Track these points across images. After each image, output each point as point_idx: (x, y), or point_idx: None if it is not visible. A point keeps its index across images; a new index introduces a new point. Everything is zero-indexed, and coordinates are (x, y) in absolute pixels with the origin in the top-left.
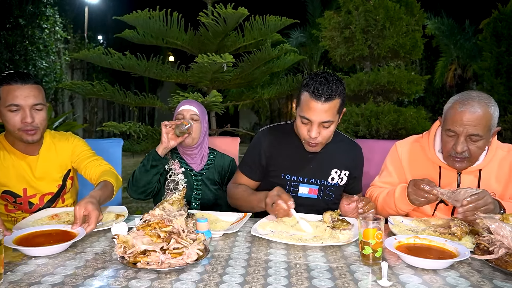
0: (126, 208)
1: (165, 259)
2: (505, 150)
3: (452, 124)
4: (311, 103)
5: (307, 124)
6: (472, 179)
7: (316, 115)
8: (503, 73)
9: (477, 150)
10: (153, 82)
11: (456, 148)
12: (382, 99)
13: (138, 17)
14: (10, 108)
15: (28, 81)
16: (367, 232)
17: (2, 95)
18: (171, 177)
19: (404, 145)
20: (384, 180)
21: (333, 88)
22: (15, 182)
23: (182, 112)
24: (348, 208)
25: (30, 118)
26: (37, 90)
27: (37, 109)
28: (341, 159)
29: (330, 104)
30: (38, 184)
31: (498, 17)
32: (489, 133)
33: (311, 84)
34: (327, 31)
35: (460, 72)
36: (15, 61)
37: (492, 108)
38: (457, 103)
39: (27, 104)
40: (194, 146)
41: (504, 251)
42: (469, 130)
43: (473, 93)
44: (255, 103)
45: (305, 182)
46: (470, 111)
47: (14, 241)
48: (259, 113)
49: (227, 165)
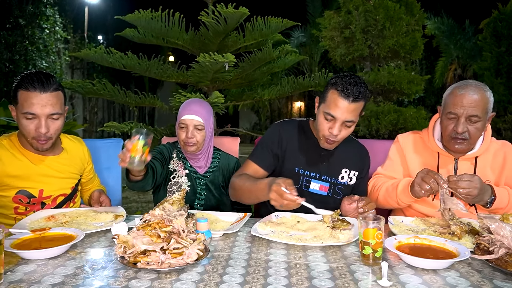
0: (124, 209)
1: (165, 259)
2: (499, 144)
3: (453, 107)
4: (339, 101)
5: (330, 121)
6: (469, 165)
7: (342, 113)
8: (503, 73)
9: (476, 132)
10: (153, 82)
11: (457, 129)
12: (382, 99)
13: (140, 17)
14: (26, 115)
15: (47, 89)
16: (367, 232)
17: (20, 99)
18: (174, 179)
19: (406, 136)
20: (388, 169)
21: (361, 90)
22: (31, 181)
23: (185, 122)
24: (349, 208)
25: (45, 128)
26: (56, 98)
27: (54, 118)
28: (351, 159)
29: (356, 104)
30: (55, 185)
31: (498, 17)
32: (486, 115)
33: (340, 83)
34: (327, 31)
35: (460, 72)
36: (15, 61)
37: (488, 93)
38: (456, 88)
39: (44, 114)
40: (198, 153)
41: (504, 251)
42: (469, 111)
43: (470, 80)
44: (255, 103)
45: (317, 179)
46: (469, 94)
47: (13, 245)
48: (259, 113)
49: (232, 166)
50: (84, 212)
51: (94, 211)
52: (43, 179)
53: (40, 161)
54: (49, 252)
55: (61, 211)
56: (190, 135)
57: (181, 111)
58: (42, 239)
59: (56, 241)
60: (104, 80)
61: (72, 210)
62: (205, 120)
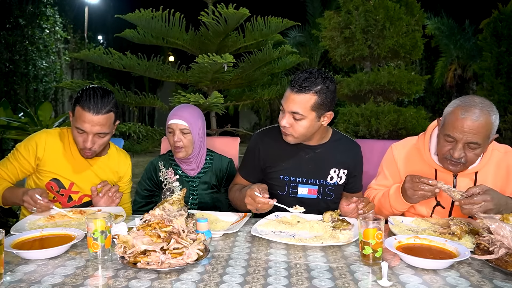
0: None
1: (165, 259)
2: (501, 152)
3: (452, 130)
4: (287, 92)
5: (281, 111)
6: (468, 181)
7: (287, 104)
8: (503, 73)
9: (474, 157)
10: (153, 82)
11: (453, 154)
12: (382, 99)
13: (141, 17)
14: (77, 130)
15: (100, 112)
16: (367, 232)
17: (76, 113)
18: (166, 186)
19: (400, 147)
20: (380, 183)
21: (312, 81)
22: (67, 174)
23: (171, 127)
24: (348, 208)
25: (90, 143)
26: (106, 119)
27: (101, 136)
28: (339, 158)
29: (301, 96)
30: (85, 184)
31: (498, 17)
32: (487, 141)
33: (293, 76)
34: (327, 31)
35: (460, 72)
36: (15, 61)
37: (493, 116)
38: (459, 109)
39: (92, 132)
40: (189, 157)
41: (504, 251)
42: (469, 138)
43: (476, 99)
44: (255, 103)
45: (304, 183)
46: (472, 119)
47: (13, 245)
48: (259, 113)
49: (225, 167)
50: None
51: (94, 211)
52: (77, 174)
53: (80, 156)
54: (49, 252)
55: (59, 211)
56: (176, 139)
57: (168, 118)
58: (42, 239)
59: (56, 241)
60: (104, 80)
61: (72, 210)
62: (190, 124)
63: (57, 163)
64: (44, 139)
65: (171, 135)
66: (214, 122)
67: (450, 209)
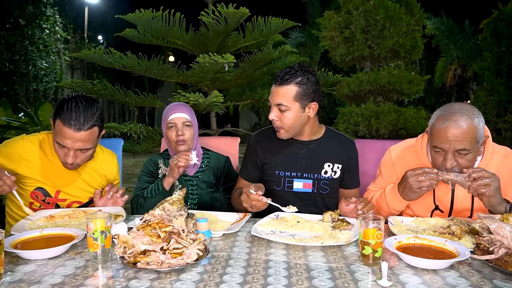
0: (123, 209)
1: (165, 259)
2: (502, 155)
3: (438, 141)
4: (271, 88)
5: (270, 108)
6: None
7: (272, 98)
8: (503, 73)
9: (468, 163)
10: (153, 82)
11: (445, 165)
12: (382, 99)
13: (141, 17)
14: (57, 144)
15: (82, 129)
16: (367, 232)
17: (56, 127)
18: None
19: (398, 150)
20: (378, 185)
21: (293, 73)
22: (51, 181)
23: (173, 121)
24: (347, 209)
25: (72, 159)
26: (89, 135)
27: (83, 151)
28: (333, 153)
29: (283, 88)
30: (73, 190)
31: (498, 17)
32: (477, 145)
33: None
34: (327, 31)
35: (460, 72)
36: (15, 61)
37: (476, 119)
38: (439, 119)
39: (74, 148)
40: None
41: (504, 251)
42: (456, 146)
43: (455, 106)
44: (255, 103)
45: (298, 177)
46: (453, 127)
47: (13, 245)
48: (259, 113)
49: (222, 164)
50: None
51: (94, 211)
52: (63, 181)
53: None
54: (49, 252)
55: (59, 211)
56: (180, 132)
57: (167, 113)
58: (42, 239)
59: (56, 241)
60: (104, 80)
61: (72, 210)
62: (191, 117)
63: (38, 171)
64: (19, 149)
65: (171, 130)
66: (214, 122)
67: (449, 213)
